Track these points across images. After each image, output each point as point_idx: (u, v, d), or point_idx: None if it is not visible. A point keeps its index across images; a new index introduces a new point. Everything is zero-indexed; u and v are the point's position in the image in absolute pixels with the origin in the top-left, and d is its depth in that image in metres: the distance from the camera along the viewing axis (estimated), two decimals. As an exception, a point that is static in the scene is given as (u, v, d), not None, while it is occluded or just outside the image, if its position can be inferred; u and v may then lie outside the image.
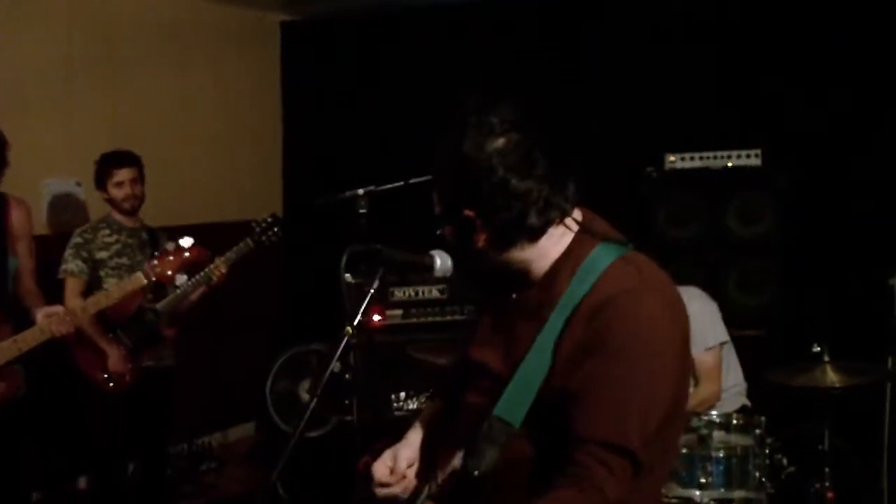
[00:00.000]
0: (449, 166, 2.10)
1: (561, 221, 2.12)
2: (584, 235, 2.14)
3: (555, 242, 2.14)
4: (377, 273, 2.23)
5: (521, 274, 2.16)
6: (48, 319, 4.40)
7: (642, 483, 2.07)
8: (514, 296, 2.20)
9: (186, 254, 4.72)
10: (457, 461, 2.21)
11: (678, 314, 2.09)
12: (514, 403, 2.08)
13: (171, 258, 4.66)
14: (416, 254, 2.30)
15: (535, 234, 2.10)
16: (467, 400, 2.29)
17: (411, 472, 2.44)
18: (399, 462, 2.43)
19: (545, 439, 2.08)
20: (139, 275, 4.66)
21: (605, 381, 1.99)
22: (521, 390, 2.07)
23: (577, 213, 2.16)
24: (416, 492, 2.39)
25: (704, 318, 4.61)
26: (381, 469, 2.43)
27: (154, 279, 4.66)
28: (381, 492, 2.44)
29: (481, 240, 2.10)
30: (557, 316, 2.06)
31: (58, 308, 4.53)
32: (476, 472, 2.08)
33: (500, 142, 2.04)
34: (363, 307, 2.21)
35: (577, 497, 1.97)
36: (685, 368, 2.13)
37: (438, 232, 2.21)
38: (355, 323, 2.22)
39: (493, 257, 2.13)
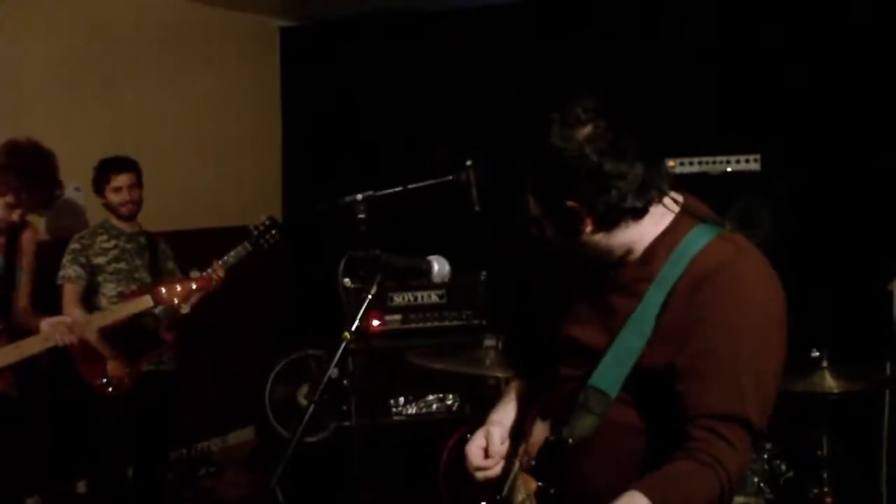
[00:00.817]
0: (542, 163, 2.13)
1: (660, 201, 2.17)
2: (685, 216, 2.19)
3: (655, 222, 2.18)
4: (375, 278, 2.24)
5: (624, 255, 2.20)
6: (53, 328, 4.43)
7: None
8: (611, 272, 2.23)
9: (193, 285, 4.93)
10: (548, 433, 2.23)
11: (776, 283, 2.14)
12: (610, 374, 2.12)
13: (179, 288, 4.88)
14: (414, 259, 2.32)
15: (639, 213, 2.14)
16: (559, 375, 2.31)
17: (505, 450, 2.43)
18: (493, 441, 2.41)
19: (642, 410, 2.12)
20: (148, 297, 4.82)
21: (715, 354, 2.03)
22: (617, 362, 2.11)
23: (679, 196, 2.22)
24: (507, 467, 2.38)
25: None
26: (475, 452, 2.42)
27: (161, 305, 4.89)
28: (479, 475, 2.42)
29: (588, 227, 2.14)
30: (656, 291, 2.10)
31: (64, 318, 4.58)
32: (570, 440, 2.12)
33: (588, 129, 2.08)
34: (361, 312, 2.21)
35: (697, 469, 1.98)
36: (784, 337, 2.15)
37: (533, 232, 2.25)
38: (353, 328, 2.22)
39: (600, 242, 2.17)
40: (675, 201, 2.20)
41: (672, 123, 6.04)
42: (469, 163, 4.78)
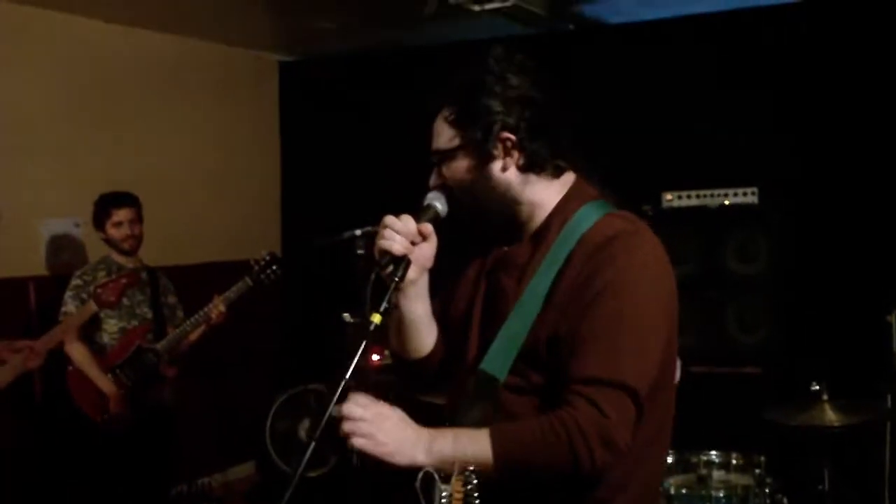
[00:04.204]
0: (487, 92, 2.15)
1: (561, 174, 2.21)
2: (576, 192, 2.22)
3: (557, 192, 2.21)
4: (402, 263, 2.19)
5: (523, 220, 2.21)
6: (18, 355, 4.35)
7: (642, 453, 2.08)
8: (505, 249, 2.24)
9: (124, 280, 4.88)
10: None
11: (669, 266, 2.14)
12: (498, 357, 2.10)
13: (112, 284, 4.82)
14: (419, 213, 2.28)
15: (556, 173, 2.20)
16: (455, 362, 2.29)
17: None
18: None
19: (531, 392, 2.09)
20: (90, 303, 4.77)
21: (596, 318, 2.01)
22: (506, 344, 2.10)
23: (572, 175, 2.25)
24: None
25: None
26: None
27: (103, 308, 4.83)
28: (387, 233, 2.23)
29: (512, 164, 2.16)
30: (545, 271, 2.10)
31: (23, 343, 4.45)
32: (470, 426, 2.07)
33: (535, 77, 2.19)
34: (388, 296, 2.17)
35: (543, 428, 1.96)
36: (675, 321, 2.14)
37: (432, 180, 2.25)
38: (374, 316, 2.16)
39: (513, 189, 2.18)
40: (569, 181, 2.25)
41: (669, 156, 6.09)
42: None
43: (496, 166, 2.16)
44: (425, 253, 2.26)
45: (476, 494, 1.83)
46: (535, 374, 2.08)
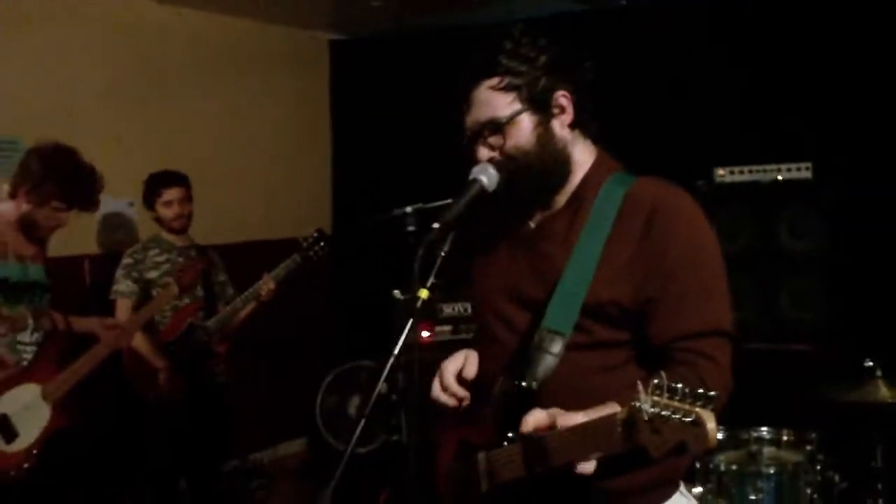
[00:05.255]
0: (533, 54, 2.27)
1: (593, 137, 2.34)
2: (603, 160, 2.32)
3: (588, 156, 2.31)
4: (448, 237, 2.22)
5: (564, 184, 2.28)
6: (112, 333, 4.53)
7: None
8: (532, 224, 2.31)
9: (199, 265, 5.09)
10: (504, 387, 2.23)
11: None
12: (561, 314, 2.15)
13: (191, 267, 5.00)
14: (462, 193, 2.29)
15: (591, 135, 2.33)
16: (497, 334, 2.34)
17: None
18: (471, 363, 2.40)
19: (597, 346, 2.17)
20: (172, 286, 4.86)
21: (683, 278, 2.12)
22: (566, 301, 2.15)
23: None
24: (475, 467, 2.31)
25: None
26: (450, 372, 2.43)
27: (183, 290, 4.95)
28: (444, 399, 2.43)
29: (568, 119, 2.26)
30: (593, 231, 2.17)
31: (115, 320, 4.73)
32: (534, 384, 2.13)
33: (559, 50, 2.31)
34: (436, 269, 2.20)
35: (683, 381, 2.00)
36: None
37: (483, 153, 2.30)
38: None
39: (566, 147, 2.27)
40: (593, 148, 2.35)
41: (722, 131, 6.03)
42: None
43: (556, 123, 2.26)
44: None
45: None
46: (601, 329, 2.17)
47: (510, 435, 2.16)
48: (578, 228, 2.19)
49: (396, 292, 5.69)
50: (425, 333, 5.73)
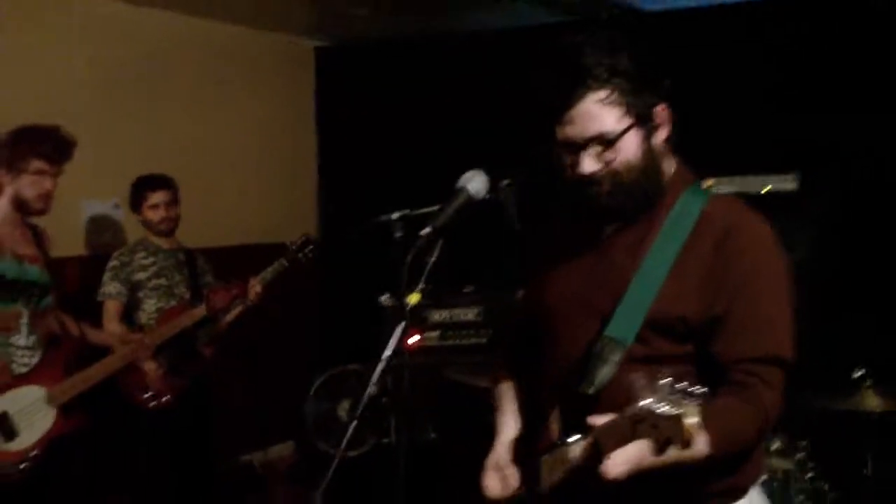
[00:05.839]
0: (637, 67, 2.23)
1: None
2: (682, 171, 2.36)
3: (669, 168, 2.33)
4: (436, 244, 2.24)
5: (659, 193, 2.28)
6: (129, 346, 4.71)
7: None
8: (606, 229, 2.31)
9: (234, 290, 5.18)
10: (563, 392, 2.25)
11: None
12: (624, 323, 2.18)
13: (223, 293, 5.12)
14: (450, 201, 2.31)
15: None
16: (560, 338, 2.35)
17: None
18: (506, 468, 2.42)
19: (657, 357, 2.18)
20: (201, 308, 5.05)
21: (752, 300, 2.14)
22: (631, 311, 2.17)
23: None
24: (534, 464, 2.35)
25: None
26: (494, 484, 2.43)
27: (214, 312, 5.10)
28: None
29: (663, 136, 2.29)
30: (665, 244, 2.19)
31: (135, 336, 4.88)
32: (591, 391, 2.17)
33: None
34: (424, 276, 2.22)
35: (743, 406, 2.07)
36: None
37: (588, 165, 2.23)
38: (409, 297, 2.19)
39: (661, 160, 2.29)
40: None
41: (708, 142, 6.02)
42: (506, 182, 4.77)
43: (657, 138, 2.28)
44: None
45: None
46: (661, 341, 2.18)
47: (566, 439, 2.18)
48: (651, 240, 2.22)
49: (384, 298, 5.69)
50: (414, 338, 5.74)
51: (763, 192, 5.60)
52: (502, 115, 6.70)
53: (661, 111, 2.26)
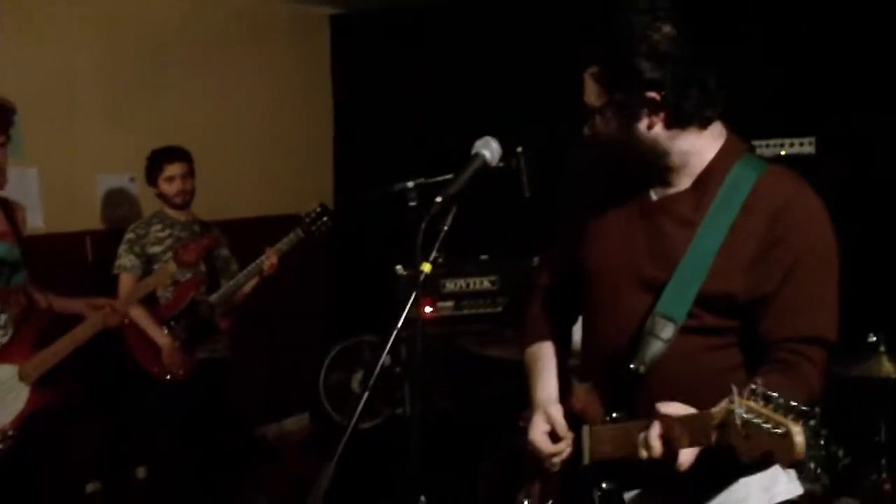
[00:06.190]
0: (632, 52, 2.14)
1: (709, 124, 2.23)
2: (733, 144, 2.26)
3: (712, 139, 2.25)
4: (450, 210, 2.23)
5: (676, 168, 2.24)
6: (98, 312, 4.42)
7: None
8: (654, 196, 2.28)
9: (205, 241, 4.94)
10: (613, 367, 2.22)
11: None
12: (675, 301, 2.16)
13: (193, 245, 4.82)
14: (464, 168, 2.30)
15: (705, 122, 2.21)
16: (607, 308, 2.33)
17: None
18: (558, 422, 2.37)
19: (708, 333, 2.17)
20: (171, 264, 4.78)
21: (803, 279, 2.12)
22: (682, 288, 2.16)
23: (721, 125, 2.28)
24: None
25: None
26: (542, 440, 2.38)
27: (183, 266, 4.84)
28: (555, 461, 2.37)
29: (657, 122, 2.18)
30: (717, 217, 2.16)
31: (102, 300, 4.53)
32: (642, 368, 2.15)
33: (675, 29, 2.14)
34: (437, 245, 2.21)
35: (790, 385, 2.02)
36: None
37: (585, 129, 2.27)
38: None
39: (661, 143, 2.21)
40: (723, 130, 2.28)
41: (726, 106, 6.00)
42: (519, 149, 4.76)
43: (642, 125, 2.19)
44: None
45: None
46: (711, 317, 2.16)
47: (615, 415, 2.20)
48: (702, 213, 2.18)
49: (398, 267, 5.69)
50: (428, 309, 5.74)
51: (782, 154, 5.57)
52: (517, 82, 6.69)
53: (646, 99, 2.16)
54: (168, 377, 5.04)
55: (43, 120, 5.85)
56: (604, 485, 2.24)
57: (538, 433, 2.38)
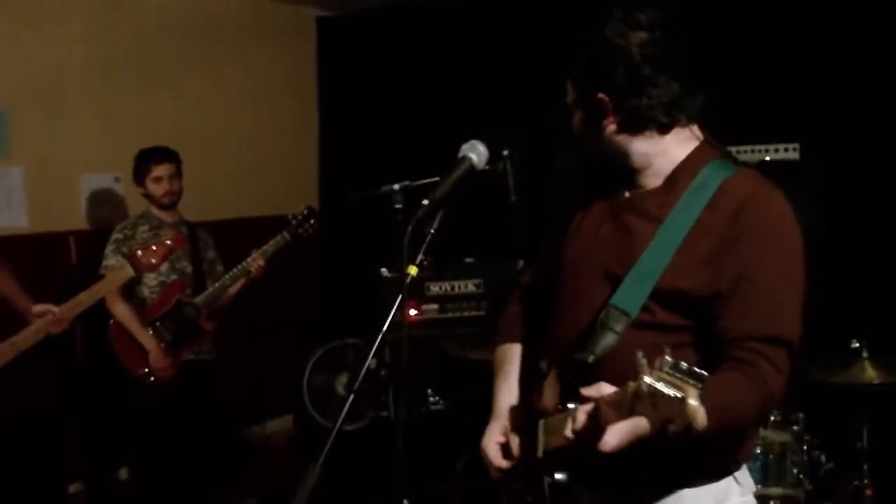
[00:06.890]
0: (589, 51, 2.18)
1: (686, 125, 2.23)
2: (706, 147, 2.26)
3: (679, 144, 2.24)
4: (437, 215, 2.23)
5: (641, 168, 2.25)
6: (43, 319, 4.31)
7: None
8: (626, 194, 2.29)
9: (168, 242, 4.75)
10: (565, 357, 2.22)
11: (794, 214, 2.20)
12: (631, 294, 2.16)
13: (156, 248, 4.67)
14: (451, 171, 2.30)
15: (663, 128, 2.20)
16: (569, 299, 2.33)
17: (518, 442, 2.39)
18: (510, 437, 2.39)
19: (661, 329, 2.15)
20: (127, 268, 4.63)
21: (762, 278, 2.09)
22: (639, 282, 2.15)
23: (699, 130, 2.27)
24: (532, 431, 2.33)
25: None
26: (493, 451, 2.40)
27: (142, 271, 4.77)
28: (501, 476, 2.39)
29: (610, 124, 2.20)
30: (680, 215, 2.15)
31: (49, 307, 4.37)
32: (591, 359, 2.13)
33: (644, 34, 2.13)
34: (423, 248, 2.21)
35: (745, 382, 2.01)
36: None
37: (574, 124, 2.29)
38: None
39: (621, 143, 2.22)
40: (698, 134, 2.27)
41: (710, 112, 6.01)
42: (505, 153, 4.77)
43: (601, 127, 2.21)
44: None
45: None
46: (664, 313, 2.15)
47: (568, 405, 2.16)
48: (666, 211, 2.18)
49: (384, 270, 5.70)
50: (412, 311, 5.74)
51: (767, 159, 5.60)
52: (503, 85, 6.70)
53: (597, 100, 2.17)
54: (153, 379, 5.04)
55: (28, 119, 5.84)
56: (556, 476, 2.23)
57: (491, 443, 2.41)
